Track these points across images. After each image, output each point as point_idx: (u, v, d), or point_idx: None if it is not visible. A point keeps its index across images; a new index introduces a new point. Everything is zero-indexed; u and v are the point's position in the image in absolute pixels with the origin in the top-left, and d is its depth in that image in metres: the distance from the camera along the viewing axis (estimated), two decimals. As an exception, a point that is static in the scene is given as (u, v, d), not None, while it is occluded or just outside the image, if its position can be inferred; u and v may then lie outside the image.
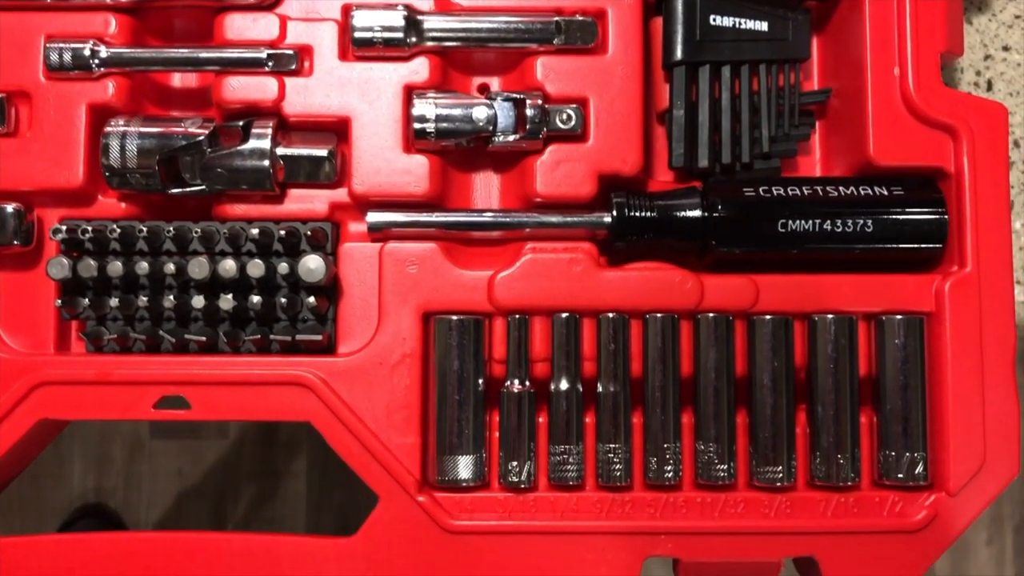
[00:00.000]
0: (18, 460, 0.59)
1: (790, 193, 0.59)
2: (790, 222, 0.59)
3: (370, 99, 0.60)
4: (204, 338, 0.58)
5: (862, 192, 0.59)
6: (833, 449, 0.58)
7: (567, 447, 0.58)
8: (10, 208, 0.59)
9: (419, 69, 0.60)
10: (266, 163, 0.58)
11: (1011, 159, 0.68)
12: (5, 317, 0.60)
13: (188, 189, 0.60)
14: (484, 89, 0.63)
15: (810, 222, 0.59)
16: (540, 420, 0.60)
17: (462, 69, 0.63)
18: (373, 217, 0.59)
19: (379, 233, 0.60)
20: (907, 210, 0.59)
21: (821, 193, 0.59)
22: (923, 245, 0.59)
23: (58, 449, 1.89)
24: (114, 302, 0.58)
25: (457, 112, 0.59)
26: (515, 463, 0.58)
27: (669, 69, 0.62)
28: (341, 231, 0.61)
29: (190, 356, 0.59)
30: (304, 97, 0.60)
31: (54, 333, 0.60)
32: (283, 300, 0.59)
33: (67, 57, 0.58)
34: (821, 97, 0.64)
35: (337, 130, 0.61)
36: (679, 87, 0.62)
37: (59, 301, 0.58)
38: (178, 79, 0.64)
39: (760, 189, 0.59)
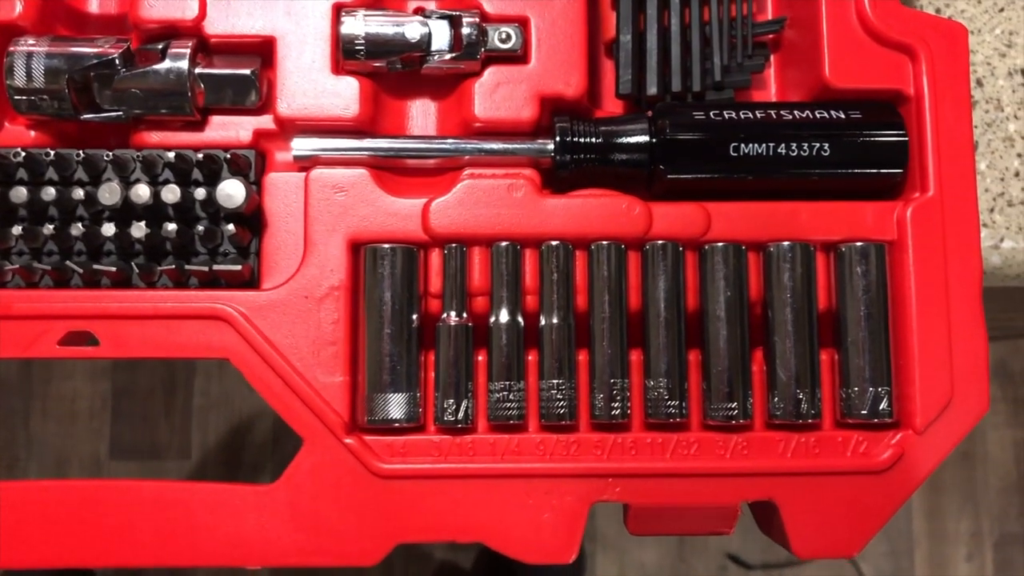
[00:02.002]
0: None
1: (742, 117, 0.56)
2: (743, 146, 0.55)
3: (296, 18, 0.56)
4: (115, 268, 0.54)
5: (818, 116, 0.56)
6: (793, 385, 0.54)
7: (507, 383, 0.54)
8: (-95, 132, 0.54)
9: (349, -12, 0.57)
10: (184, 84, 0.54)
11: (973, 98, 0.66)
12: (-99, 252, 0.56)
13: (102, 115, 0.56)
14: (419, 12, 0.59)
15: (764, 146, 0.55)
16: (479, 359, 0.55)
17: (396, -10, 0.59)
18: (299, 143, 0.56)
19: (307, 161, 0.56)
20: (865, 132, 0.56)
21: (775, 116, 0.56)
22: (883, 170, 0.56)
23: (12, 471, 1.83)
24: (17, 230, 0.54)
25: (389, 30, 0.55)
26: (451, 401, 0.53)
27: (616, -5, 0.59)
28: (267, 161, 0.57)
29: (99, 290, 0.54)
30: (226, 16, 0.56)
31: (-46, 270, 0.56)
32: (200, 229, 0.54)
33: (-30, -30, 0.55)
34: (775, 27, 0.61)
35: (262, 52, 0.57)
36: (626, 12, 0.59)
37: (-43, 230, 0.54)
38: (95, 3, 0.60)
39: (711, 113, 0.56)
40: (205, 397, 1.86)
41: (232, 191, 0.53)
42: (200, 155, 0.55)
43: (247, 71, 0.56)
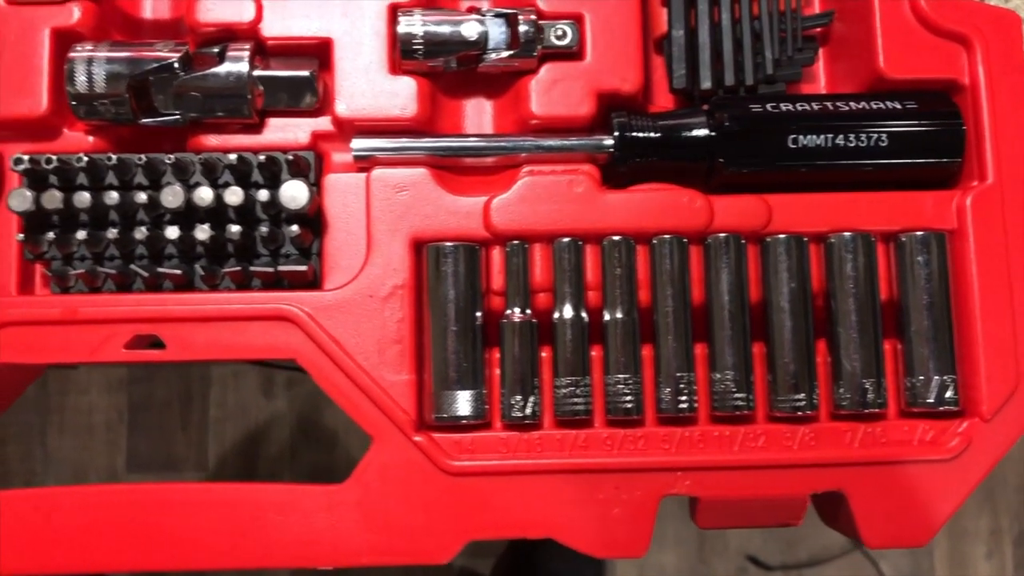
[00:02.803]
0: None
1: (799, 109, 0.56)
2: (801, 137, 0.55)
3: (352, 19, 0.56)
4: (180, 271, 0.54)
5: (874, 106, 0.56)
6: (859, 375, 0.54)
7: (574, 379, 0.53)
8: (-34, 140, 0.54)
9: (408, -12, 0.57)
10: (244, 86, 0.55)
11: None
12: (-36, 260, 0.56)
13: (161, 118, 0.56)
14: (473, 11, 0.59)
15: (822, 137, 0.55)
16: (543, 355, 0.55)
17: (456, -10, 0.60)
18: (358, 143, 0.56)
19: (365, 161, 0.56)
20: (922, 122, 0.56)
21: (832, 108, 0.56)
22: (941, 159, 0.56)
23: (30, 485, 1.82)
24: (81, 235, 0.54)
25: (446, 29, 0.56)
26: (518, 397, 0.53)
27: (667, -9, 0.59)
28: (324, 163, 0.57)
29: (165, 293, 0.54)
30: (282, 19, 0.56)
31: (16, 276, 0.56)
32: (264, 231, 0.54)
33: (29, -22, 0.55)
34: (824, 20, 0.62)
35: (318, 54, 0.57)
36: (678, 8, 0.59)
37: (20, 236, 0.54)
38: (148, 7, 0.60)
39: (768, 105, 0.56)
40: (221, 409, 1.86)
41: (296, 192, 0.54)
42: (262, 157, 0.55)
43: (306, 73, 0.56)
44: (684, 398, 0.54)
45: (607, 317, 0.54)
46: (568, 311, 0.54)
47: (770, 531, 1.65)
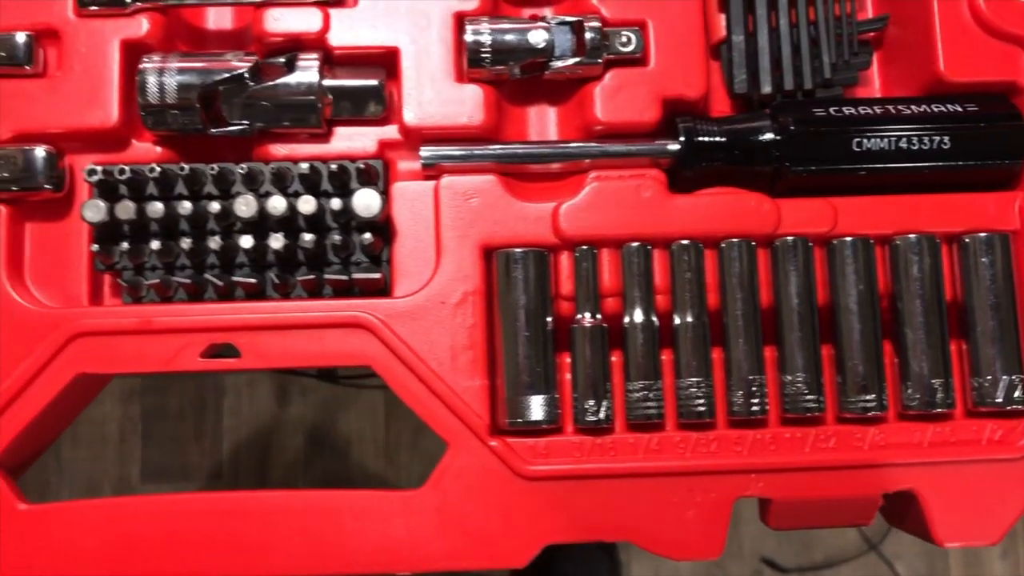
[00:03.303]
0: (56, 419, 0.55)
1: (862, 112, 0.57)
2: (865, 140, 0.56)
3: (419, 28, 0.57)
4: (254, 280, 0.54)
5: (935, 109, 0.57)
6: (927, 376, 0.54)
7: (647, 383, 0.54)
8: (41, 151, 0.55)
9: (468, -2, 0.57)
10: (314, 96, 0.55)
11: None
12: (35, 270, 0.56)
13: (229, 128, 0.56)
14: (535, 19, 0.60)
15: (885, 140, 0.56)
16: (612, 359, 0.56)
17: (511, 0, 0.60)
18: (427, 151, 0.56)
19: (432, 169, 0.57)
20: (983, 124, 0.57)
21: (895, 111, 0.57)
22: (1002, 161, 0.57)
23: (44, 496, 1.82)
24: (155, 245, 0.54)
25: (513, 37, 0.56)
26: (592, 401, 0.54)
27: (725, -3, 0.60)
28: (390, 171, 0.58)
29: (240, 302, 0.55)
30: (349, 28, 0.57)
31: (87, 287, 0.56)
32: (336, 239, 0.55)
33: (100, -9, 0.55)
34: (878, 24, 0.62)
35: (384, 63, 0.57)
36: (737, 14, 0.60)
37: (95, 246, 0.54)
38: (212, 19, 0.60)
39: (831, 109, 0.57)
40: (235, 418, 1.86)
41: (370, 200, 0.54)
42: (333, 166, 0.55)
43: (375, 82, 0.56)
44: (756, 401, 0.54)
45: (677, 321, 0.55)
46: (639, 315, 0.55)
47: (785, 533, 1.66)
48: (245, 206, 0.54)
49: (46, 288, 0.56)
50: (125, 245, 0.54)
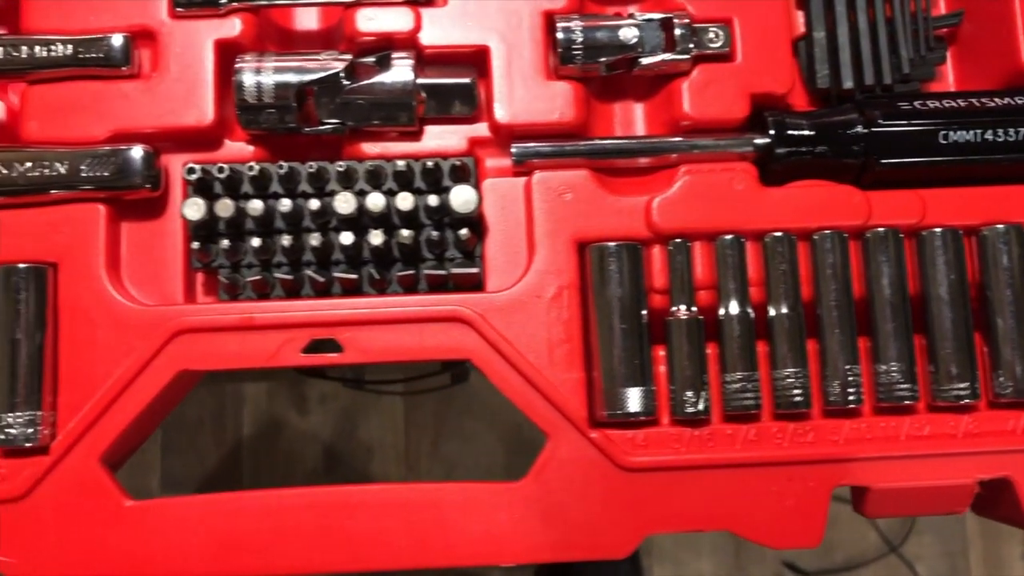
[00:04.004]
0: (153, 416, 0.55)
1: (946, 105, 0.58)
2: (951, 133, 0.57)
3: (510, 26, 0.57)
4: (354, 276, 0.55)
5: (1019, 101, 0.58)
6: (1019, 364, 0.55)
7: (745, 374, 0.54)
8: (138, 150, 0.55)
9: (557, -6, 0.58)
10: (409, 94, 0.56)
11: None
12: (131, 269, 0.56)
13: (323, 127, 0.57)
14: (620, 16, 0.60)
15: (972, 132, 0.57)
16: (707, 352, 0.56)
17: (596, -2, 0.61)
18: (519, 147, 0.57)
19: (521, 166, 0.57)
20: (1068, 116, 0.57)
21: (979, 104, 0.57)
22: (1090, 151, 0.57)
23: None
24: (256, 242, 0.55)
25: (604, 34, 0.57)
26: (690, 393, 0.54)
27: (805, -7, 0.61)
28: (479, 168, 0.58)
29: (341, 298, 0.55)
30: (440, 27, 0.57)
31: (183, 284, 0.57)
32: (433, 235, 0.55)
33: (196, -9, 0.56)
34: (954, 20, 0.63)
35: (474, 61, 0.58)
36: (818, 10, 0.61)
37: (196, 244, 0.55)
38: (300, 20, 0.61)
39: (916, 103, 0.58)
40: (255, 426, 1.86)
41: (467, 196, 0.55)
42: (430, 163, 0.56)
43: (467, 80, 0.57)
44: (852, 390, 0.55)
45: (772, 312, 0.55)
46: (734, 307, 0.55)
47: None
48: (345, 203, 0.55)
49: (141, 286, 0.56)
50: (225, 243, 0.54)
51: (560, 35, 0.56)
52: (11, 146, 0.55)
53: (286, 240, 0.55)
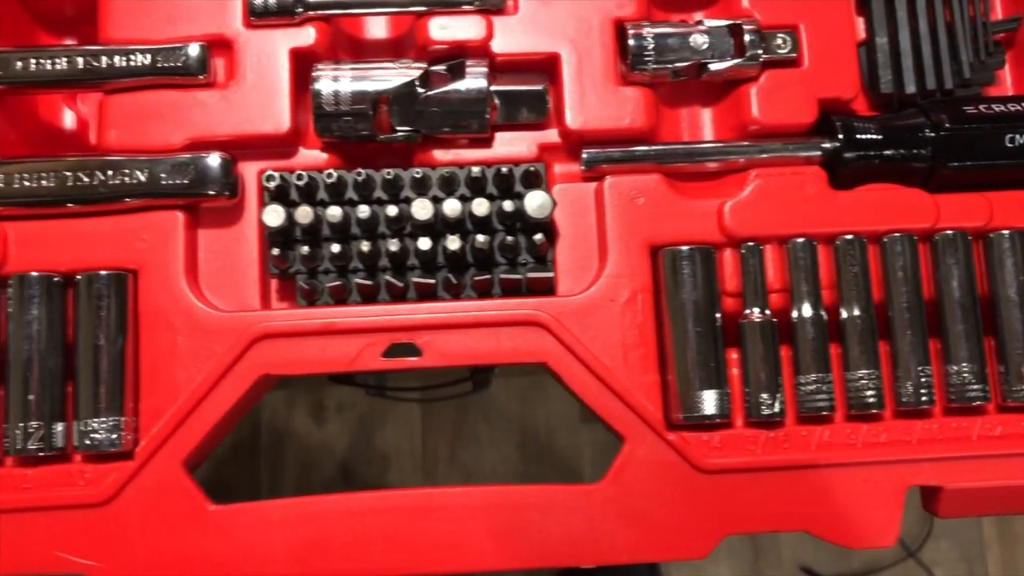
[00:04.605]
0: (231, 420, 0.55)
1: (1011, 109, 0.58)
2: (1017, 136, 0.57)
3: (580, 33, 0.58)
4: (431, 281, 0.55)
5: (1083, 105, 0.58)
6: (1089, 363, 0.56)
7: (819, 376, 0.55)
8: (216, 157, 0.56)
9: (626, 3, 0.59)
10: (484, 102, 0.56)
11: None
12: (207, 275, 0.57)
13: (396, 135, 0.57)
14: (687, 23, 0.61)
15: (1037, 136, 0.57)
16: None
17: (662, 6, 0.62)
18: (589, 153, 0.57)
19: (590, 171, 0.58)
20: None
21: (1044, 107, 0.58)
22: None
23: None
24: (336, 248, 0.55)
25: (674, 40, 0.58)
26: (765, 395, 0.55)
27: (865, 0, 0.61)
28: (548, 174, 0.59)
29: (419, 303, 0.56)
30: (512, 35, 0.58)
31: (259, 290, 0.57)
32: (508, 239, 0.56)
33: (272, 1, 0.56)
34: (1012, 25, 0.64)
35: (545, 68, 0.59)
36: (879, 16, 0.61)
37: (275, 251, 0.55)
38: (369, 29, 0.62)
39: (981, 107, 0.58)
40: (272, 435, 1.87)
41: (542, 202, 0.55)
42: (504, 169, 0.56)
43: (540, 87, 0.58)
44: (924, 391, 0.55)
45: (844, 315, 0.56)
46: (807, 310, 0.56)
47: (824, 541, 1.67)
48: (422, 209, 0.55)
49: (216, 292, 0.57)
50: (305, 249, 0.55)
51: (632, 42, 0.57)
52: (92, 155, 0.56)
53: (365, 246, 0.55)
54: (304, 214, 0.55)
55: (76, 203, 0.55)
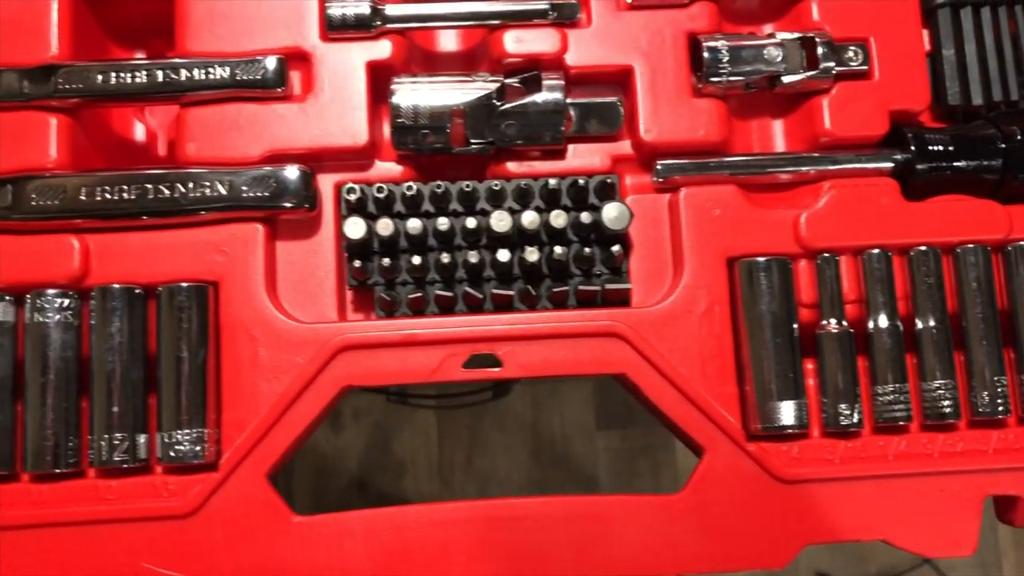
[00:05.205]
0: (312, 429, 0.55)
1: (1080, 121, 0.59)
2: (1088, 148, 0.58)
3: (654, 46, 0.59)
4: (511, 291, 0.56)
5: None
6: None
7: (896, 386, 0.55)
8: (295, 170, 0.56)
9: (699, 15, 0.59)
10: (562, 114, 0.57)
11: None
12: (285, 287, 0.57)
13: (471, 147, 0.58)
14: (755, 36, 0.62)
15: (1107, 147, 0.58)
16: (852, 364, 0.57)
17: (731, 18, 0.62)
18: (663, 164, 0.58)
19: (663, 183, 0.58)
20: None
21: (1113, 119, 0.59)
22: None
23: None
24: (416, 260, 0.56)
25: (748, 53, 0.58)
26: (844, 405, 0.55)
27: (931, 12, 0.62)
28: (620, 185, 0.60)
29: (496, 314, 0.56)
30: (585, 48, 0.59)
31: (336, 302, 0.57)
32: (586, 251, 0.56)
33: (350, 14, 0.57)
34: (1075, 36, 0.64)
35: (618, 80, 0.59)
36: (946, 29, 0.62)
37: (357, 262, 0.56)
38: (441, 42, 0.62)
39: (1051, 118, 0.59)
40: (289, 442, 1.87)
41: (620, 213, 0.56)
42: (581, 181, 0.57)
43: (615, 99, 0.58)
44: (1000, 401, 0.56)
45: (920, 325, 0.56)
46: (883, 320, 0.56)
47: (840, 547, 1.67)
48: (501, 221, 0.56)
49: (294, 304, 0.57)
50: (386, 261, 0.55)
51: (707, 54, 0.58)
52: (173, 167, 0.56)
53: (445, 257, 0.56)
54: (385, 226, 0.55)
55: (157, 215, 0.55)
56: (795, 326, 0.56)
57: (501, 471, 1.57)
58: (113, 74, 0.56)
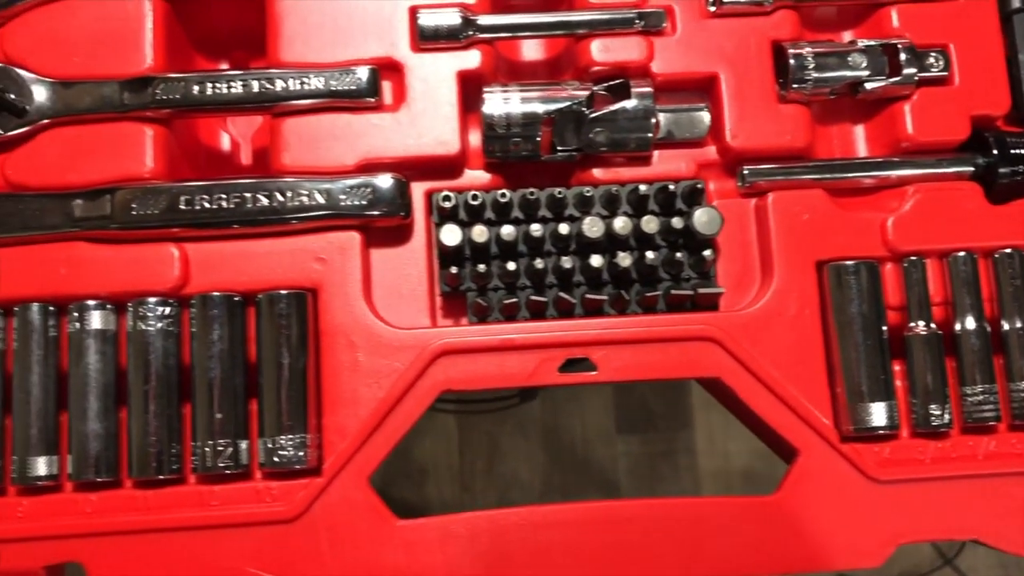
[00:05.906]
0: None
1: None
2: None
3: (739, 53, 0.59)
4: (603, 296, 0.57)
5: None
6: None
7: (986, 387, 0.56)
8: (389, 178, 0.57)
9: (781, 23, 0.60)
10: (650, 121, 0.58)
11: None
12: (380, 294, 0.58)
13: (558, 154, 0.59)
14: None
15: None
16: (938, 365, 0.58)
17: (811, 25, 0.63)
18: (750, 170, 0.59)
19: (748, 188, 0.59)
20: None
21: None
22: None
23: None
24: (512, 266, 0.56)
25: (832, 60, 0.59)
26: (935, 406, 0.56)
27: (1007, 18, 0.63)
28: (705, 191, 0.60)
29: (590, 318, 0.57)
30: (671, 56, 0.59)
31: (428, 307, 0.58)
32: (678, 256, 0.57)
33: (442, 25, 0.58)
34: None
35: (704, 88, 0.60)
36: (1021, 33, 0.63)
37: (453, 269, 0.56)
38: (525, 51, 0.63)
39: None
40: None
41: (711, 218, 0.56)
42: (671, 186, 0.58)
43: (702, 106, 0.59)
44: (1089, 401, 0.56)
45: (1006, 327, 0.57)
46: (971, 322, 0.57)
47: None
48: (594, 227, 0.56)
49: (388, 310, 0.58)
50: (481, 267, 0.56)
51: (792, 61, 0.59)
52: (269, 176, 0.57)
53: (539, 263, 0.56)
54: (480, 232, 0.56)
55: (255, 224, 0.56)
56: (884, 328, 0.57)
57: (522, 476, 1.57)
58: (209, 84, 0.57)
